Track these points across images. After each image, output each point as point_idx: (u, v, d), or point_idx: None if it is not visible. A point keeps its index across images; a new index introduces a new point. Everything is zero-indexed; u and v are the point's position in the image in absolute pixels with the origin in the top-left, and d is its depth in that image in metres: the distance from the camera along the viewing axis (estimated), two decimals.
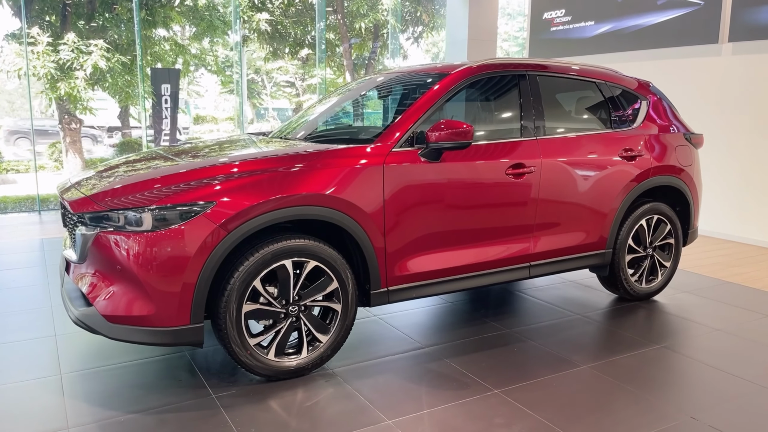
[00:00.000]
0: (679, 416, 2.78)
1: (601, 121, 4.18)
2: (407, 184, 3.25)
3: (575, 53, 8.17)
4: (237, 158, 3.17)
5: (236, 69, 23.37)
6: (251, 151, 3.37)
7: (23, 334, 3.63)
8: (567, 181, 3.84)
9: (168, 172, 2.99)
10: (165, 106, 13.90)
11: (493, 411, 2.80)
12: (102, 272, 2.84)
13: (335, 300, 3.14)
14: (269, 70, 26.60)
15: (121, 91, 14.55)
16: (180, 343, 2.83)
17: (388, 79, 4.26)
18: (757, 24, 6.18)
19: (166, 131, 14.04)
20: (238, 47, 20.41)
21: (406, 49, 18.68)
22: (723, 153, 6.53)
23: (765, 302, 4.50)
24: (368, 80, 4.39)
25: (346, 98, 4.40)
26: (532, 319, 4.03)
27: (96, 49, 12.29)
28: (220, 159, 3.28)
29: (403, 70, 4.27)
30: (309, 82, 24.57)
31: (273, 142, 3.78)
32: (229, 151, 3.56)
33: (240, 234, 2.82)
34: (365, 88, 4.36)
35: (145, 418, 2.69)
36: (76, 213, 2.89)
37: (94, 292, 2.84)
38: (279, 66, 24.54)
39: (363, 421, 2.68)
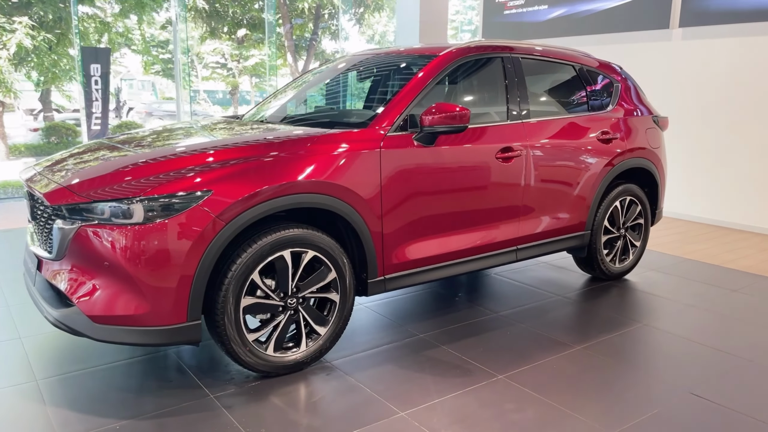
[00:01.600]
0: (680, 393, 2.86)
1: (579, 104, 4.22)
2: (402, 169, 3.16)
3: (528, 37, 8.25)
4: (227, 144, 2.98)
5: (163, 49, 22.42)
6: (240, 136, 3.18)
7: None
8: (551, 164, 3.86)
9: (154, 159, 2.78)
10: (95, 87, 13.15)
11: (502, 396, 2.78)
12: (85, 269, 2.61)
13: (333, 290, 3.03)
14: (200, 51, 25.64)
15: (47, 71, 13.64)
16: (175, 342, 2.65)
17: (367, 60, 4.13)
18: (706, 10, 6.41)
19: (97, 114, 13.31)
20: (169, 26, 19.53)
21: (347, 30, 18.43)
22: (672, 135, 6.76)
23: (726, 277, 4.72)
24: (345, 62, 4.24)
25: (323, 80, 4.25)
26: (515, 301, 4.06)
27: (20, 27, 11.43)
28: (208, 145, 3.07)
29: (382, 51, 4.15)
30: (246, 63, 23.88)
31: (255, 126, 3.59)
32: (214, 137, 3.35)
33: (238, 225, 2.66)
34: (343, 70, 4.21)
35: (141, 424, 2.51)
36: (53, 205, 2.64)
37: (76, 291, 2.61)
38: (214, 47, 23.66)
39: (375, 415, 2.61)
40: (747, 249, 5.64)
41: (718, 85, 6.46)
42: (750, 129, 6.27)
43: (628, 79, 4.61)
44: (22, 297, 3.94)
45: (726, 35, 6.35)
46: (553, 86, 4.18)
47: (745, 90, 6.26)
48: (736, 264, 5.12)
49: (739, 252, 5.52)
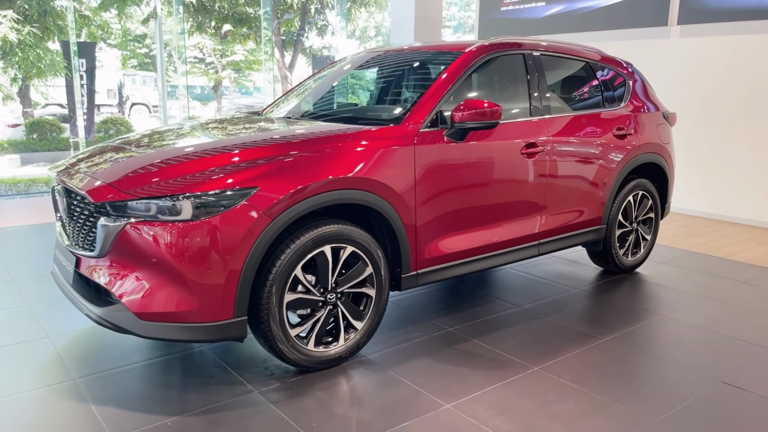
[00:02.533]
0: (711, 382, 2.94)
1: (595, 100, 4.29)
2: (434, 165, 3.20)
3: (525, 33, 8.32)
4: (268, 140, 2.98)
5: (140, 43, 22.08)
6: (277, 133, 3.18)
7: (9, 337, 3.28)
8: (571, 160, 3.92)
9: (198, 155, 2.77)
10: (81, 82, 12.94)
11: (542, 388, 2.84)
12: (130, 266, 2.60)
13: (368, 285, 3.05)
14: (178, 45, 25.33)
15: (33, 65, 13.39)
16: (222, 338, 2.66)
17: (386, 57, 4.15)
18: (705, 7, 6.54)
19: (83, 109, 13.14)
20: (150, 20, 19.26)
21: (334, 25, 18.37)
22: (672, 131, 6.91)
23: (733, 269, 4.85)
24: (362, 58, 4.25)
25: (342, 76, 4.25)
26: (535, 295, 4.12)
27: (5, 20, 11.21)
28: (250, 141, 3.06)
29: (402, 48, 4.17)
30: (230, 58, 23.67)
31: (285, 122, 3.59)
32: (249, 133, 3.34)
33: (284, 220, 2.67)
34: (362, 66, 4.23)
35: (192, 420, 2.51)
36: (97, 202, 2.61)
37: (121, 288, 2.60)
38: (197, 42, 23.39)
39: (422, 407, 2.64)
40: (747, 242, 5.78)
41: (716, 82, 6.60)
42: (747, 125, 6.42)
43: (638, 75, 4.70)
44: (41, 295, 3.90)
45: (724, 33, 6.49)
46: (570, 82, 4.24)
47: (742, 87, 6.41)
48: (739, 256, 5.25)
49: (740, 245, 5.67)
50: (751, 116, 6.37)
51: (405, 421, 2.53)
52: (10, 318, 3.55)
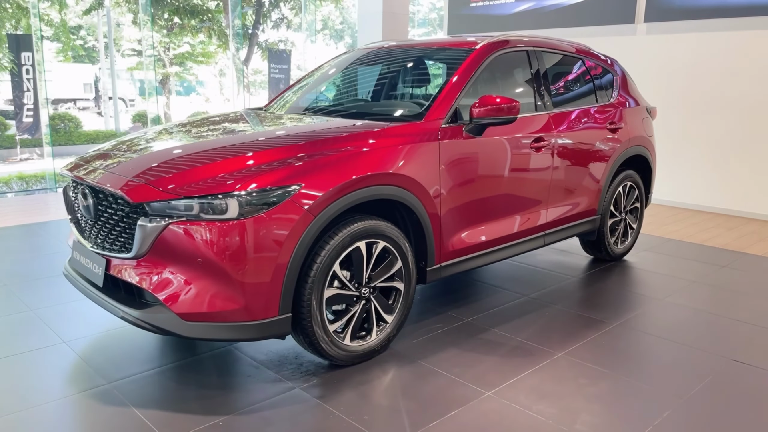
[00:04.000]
0: (723, 360, 3.14)
1: (589, 95, 4.46)
2: (456, 160, 3.27)
3: (495, 29, 8.51)
4: (302, 137, 2.99)
5: (75, 35, 21.18)
6: (307, 130, 3.18)
7: (23, 344, 3.16)
8: (573, 153, 4.08)
9: (236, 153, 2.75)
10: (27, 77, 12.38)
11: (571, 372, 2.96)
12: (172, 266, 2.56)
13: (397, 279, 3.10)
14: (118, 38, 24.44)
15: None
16: (267, 336, 2.65)
17: (393, 52, 4.18)
18: (670, 6, 6.87)
19: (29, 105, 12.57)
20: (94, 11, 18.52)
21: (290, 19, 18.17)
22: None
23: (711, 255, 5.14)
24: (369, 53, 4.27)
25: (348, 71, 4.26)
26: (539, 284, 4.27)
27: None
28: (282, 138, 3.04)
29: (406, 43, 4.22)
30: (176, 51, 23.02)
31: (304, 118, 3.58)
32: (277, 129, 3.32)
33: (326, 217, 2.68)
34: (369, 61, 4.24)
35: (244, 419, 2.50)
36: (135, 203, 2.55)
37: (162, 289, 2.56)
38: (142, 35, 22.63)
39: (465, 396, 2.72)
40: (716, 228, 6.13)
41: (680, 78, 6.94)
42: (708, 118, 6.79)
43: (622, 70, 4.91)
44: (43, 299, 3.77)
45: (688, 30, 6.83)
46: (567, 78, 4.39)
47: (704, 82, 6.77)
48: (713, 242, 5.57)
49: (710, 231, 6.01)
50: (712, 110, 6.74)
51: (453, 410, 2.60)
52: (17, 325, 3.42)
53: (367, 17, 10.07)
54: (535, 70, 3.96)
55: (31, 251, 4.88)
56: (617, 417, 2.58)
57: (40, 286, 4.04)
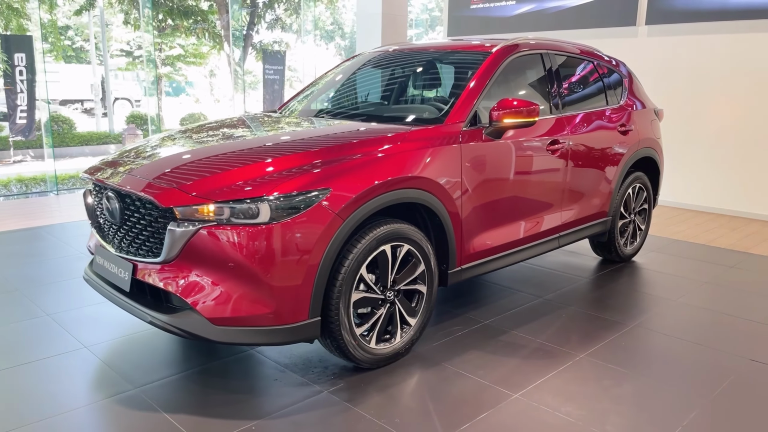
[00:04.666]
0: (741, 361, 3.18)
1: (600, 97, 4.49)
2: (476, 163, 3.29)
3: (495, 31, 8.55)
4: (328, 141, 2.99)
5: (63, 36, 21.00)
6: (331, 133, 3.19)
7: (43, 350, 3.14)
8: (586, 155, 4.11)
9: (264, 157, 2.75)
10: (20, 78, 12.28)
11: (595, 374, 2.99)
12: (202, 271, 2.56)
13: (420, 282, 3.11)
14: (116, 39, 24.32)
15: None
16: (296, 340, 2.65)
17: (406, 54, 4.19)
18: (671, 9, 6.93)
19: (22, 107, 12.48)
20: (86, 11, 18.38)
21: (284, 20, 18.13)
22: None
23: (718, 255, 5.20)
24: (382, 55, 4.27)
25: (363, 74, 4.27)
26: (552, 286, 4.29)
27: None
28: (307, 141, 3.05)
29: (420, 46, 4.23)
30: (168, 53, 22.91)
31: (324, 121, 3.58)
32: (300, 133, 3.32)
33: (355, 220, 2.69)
34: (383, 64, 4.25)
35: (275, 423, 2.50)
36: (165, 207, 2.55)
37: (192, 293, 2.55)
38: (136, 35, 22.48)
39: (493, 398, 2.73)
40: (719, 229, 6.20)
41: (681, 79, 7.00)
42: (709, 120, 6.86)
43: (631, 73, 4.95)
44: (58, 304, 3.74)
45: (689, 33, 6.89)
46: (579, 81, 4.42)
47: (704, 84, 6.84)
48: (718, 243, 5.63)
49: (714, 232, 6.07)
50: (712, 112, 6.81)
51: (483, 412, 2.61)
52: (34, 330, 3.39)
53: (366, 19, 10.08)
54: (549, 72, 3.98)
55: (39, 255, 4.84)
56: (646, 418, 2.60)
57: (53, 290, 4.01)
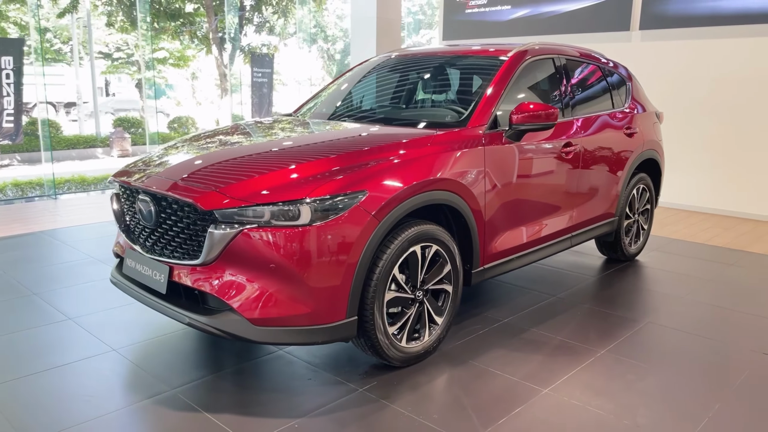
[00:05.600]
0: (754, 355, 3.30)
1: (607, 101, 4.61)
2: (498, 165, 3.37)
3: (491, 35, 8.67)
4: (360, 144, 3.05)
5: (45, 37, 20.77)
6: (360, 136, 3.25)
7: (70, 354, 3.14)
8: (597, 157, 4.22)
9: (301, 159, 2.80)
10: (6, 81, 12.14)
11: (618, 369, 3.08)
12: (243, 272, 2.60)
13: (446, 282, 3.18)
14: (83, 40, 24.02)
15: None
16: (334, 339, 2.71)
17: (420, 59, 4.27)
18: (665, 14, 7.11)
19: (9, 110, 12.33)
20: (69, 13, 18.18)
21: (272, 22, 18.12)
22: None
23: (716, 254, 5.35)
24: (396, 60, 4.34)
25: (377, 78, 4.33)
26: (563, 285, 4.39)
27: None
28: (339, 144, 3.11)
29: (433, 50, 4.31)
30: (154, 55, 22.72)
31: (348, 125, 3.64)
32: (328, 136, 3.39)
33: (389, 222, 2.75)
34: (398, 68, 4.31)
35: (317, 421, 2.55)
36: (206, 210, 2.58)
37: (233, 295, 2.59)
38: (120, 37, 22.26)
39: (524, 393, 2.81)
40: (713, 228, 6.37)
41: (674, 83, 7.18)
42: (701, 122, 7.05)
43: (633, 76, 5.08)
44: (79, 308, 3.75)
45: (682, 38, 7.08)
46: (588, 84, 4.53)
47: (697, 87, 7.02)
48: (714, 242, 5.79)
49: (709, 231, 6.24)
50: (704, 115, 7.00)
51: (517, 407, 2.69)
52: (59, 334, 3.39)
53: (360, 22, 10.14)
54: (560, 76, 4.09)
55: (48, 259, 4.82)
56: (673, 411, 2.70)
57: (71, 294, 4.01)
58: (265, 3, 17.39)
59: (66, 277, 4.36)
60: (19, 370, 2.95)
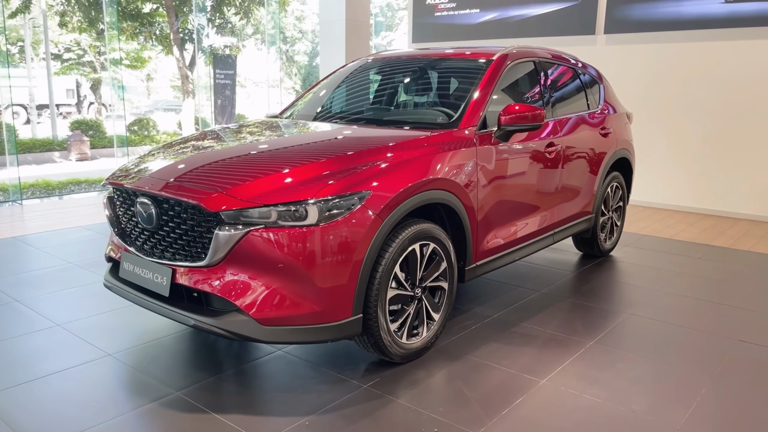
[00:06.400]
0: (732, 342, 3.49)
1: (583, 102, 4.78)
2: (489, 164, 3.47)
3: (460, 38, 8.82)
4: (359, 145, 3.10)
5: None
6: (359, 137, 3.31)
7: (63, 361, 3.09)
8: (576, 156, 4.37)
9: (305, 160, 2.84)
10: None
11: (608, 359, 3.22)
12: (250, 273, 2.61)
13: (442, 279, 3.26)
14: (37, 41, 23.31)
15: None
16: (340, 337, 2.75)
17: (406, 61, 4.34)
18: (628, 19, 7.38)
19: None
20: (18, 14, 17.61)
21: (234, 23, 17.93)
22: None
23: (684, 248, 5.61)
24: (383, 62, 4.40)
25: (365, 79, 4.39)
26: (545, 281, 4.53)
27: None
28: (339, 145, 3.16)
29: (420, 53, 4.39)
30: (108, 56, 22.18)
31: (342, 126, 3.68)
32: (325, 137, 3.42)
33: (392, 221, 2.81)
34: (385, 70, 4.37)
35: (326, 418, 2.59)
36: (212, 212, 2.59)
37: (240, 295, 2.61)
38: (73, 38, 21.64)
39: (523, 385, 2.91)
40: (678, 224, 6.65)
41: (637, 85, 7.46)
42: (663, 122, 7.35)
43: (604, 79, 5.28)
44: (65, 314, 3.68)
45: (645, 42, 7.36)
46: (565, 86, 4.69)
47: (659, 88, 7.32)
48: (681, 237, 6.06)
49: (675, 227, 6.51)
50: (666, 115, 7.30)
51: (518, 397, 2.79)
52: (49, 340, 3.33)
53: (329, 25, 10.15)
54: (541, 78, 4.22)
55: (24, 265, 4.70)
56: (664, 396, 2.84)
57: (54, 300, 3.93)
58: (227, 4, 17.18)
59: (46, 283, 4.26)
60: (15, 377, 2.89)
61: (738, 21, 6.66)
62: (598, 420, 2.63)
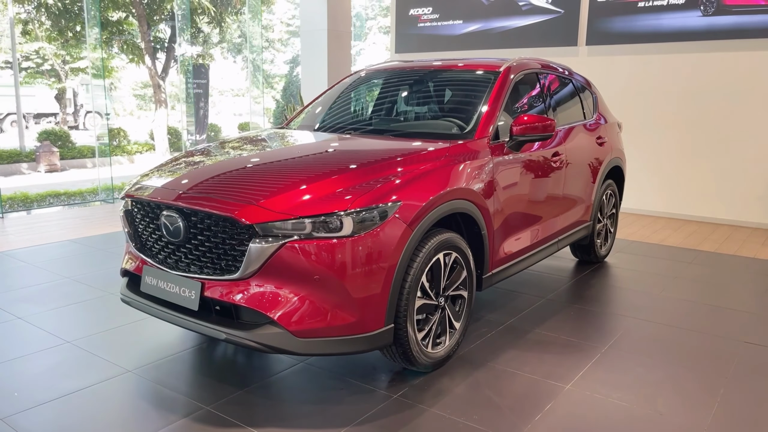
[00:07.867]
0: (737, 343, 3.61)
1: (580, 113, 4.89)
2: (504, 174, 3.53)
3: (443, 49, 8.93)
4: (379, 156, 3.12)
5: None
6: (378, 149, 3.33)
7: (85, 378, 3.01)
8: (577, 164, 4.47)
9: (334, 172, 2.83)
10: None
11: (626, 363, 3.29)
12: (284, 285, 2.60)
13: (462, 288, 3.29)
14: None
15: None
16: (373, 348, 2.75)
17: (413, 72, 4.37)
18: (609, 31, 7.59)
19: None
20: None
21: (207, 32, 17.75)
22: None
23: (675, 253, 5.77)
24: (389, 73, 4.43)
25: (372, 89, 4.41)
26: (548, 287, 4.61)
27: None
28: (363, 156, 3.18)
29: (426, 64, 4.42)
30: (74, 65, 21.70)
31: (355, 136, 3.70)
32: (345, 148, 3.45)
33: (421, 231, 2.84)
34: (392, 81, 4.40)
35: (364, 429, 2.58)
36: (247, 224, 2.57)
37: (275, 308, 2.59)
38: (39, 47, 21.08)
39: (549, 391, 2.95)
40: (664, 230, 6.84)
41: (618, 95, 7.66)
42: (644, 131, 7.56)
43: (595, 89, 5.41)
44: (76, 330, 3.59)
45: (625, 54, 7.58)
46: (565, 97, 4.79)
47: (639, 99, 7.54)
48: (668, 242, 6.23)
49: (661, 233, 6.69)
50: (647, 124, 7.53)
51: (547, 403, 2.83)
52: (62, 359, 3.24)
53: (311, 35, 10.15)
54: (544, 89, 4.32)
55: (18, 281, 4.56)
56: (686, 398, 2.93)
57: (58, 316, 3.82)
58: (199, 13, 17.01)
59: (45, 299, 4.15)
60: (36, 397, 2.80)
61: (715, 34, 6.92)
62: (630, 424, 2.69)
